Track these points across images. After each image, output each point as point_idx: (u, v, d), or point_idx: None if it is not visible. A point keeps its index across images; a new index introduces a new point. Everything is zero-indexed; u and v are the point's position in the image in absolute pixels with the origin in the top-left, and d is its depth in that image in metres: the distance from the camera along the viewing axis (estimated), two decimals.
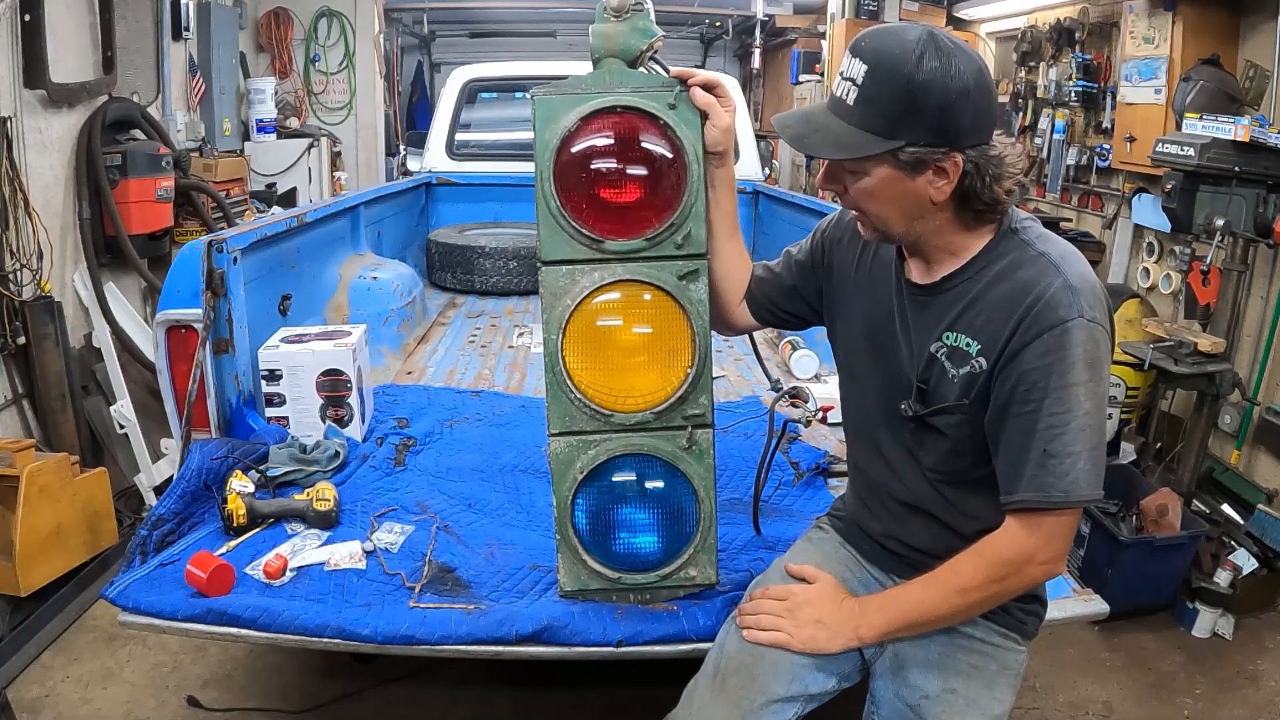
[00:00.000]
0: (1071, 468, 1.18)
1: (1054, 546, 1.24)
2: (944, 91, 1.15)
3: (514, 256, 4.21)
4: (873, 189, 1.23)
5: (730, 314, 1.64)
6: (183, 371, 2.10)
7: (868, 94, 1.18)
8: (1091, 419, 1.18)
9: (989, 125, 1.21)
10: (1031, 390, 1.19)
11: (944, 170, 1.19)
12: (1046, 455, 1.18)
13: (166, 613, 1.62)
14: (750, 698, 1.39)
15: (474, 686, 2.54)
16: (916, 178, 1.20)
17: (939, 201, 1.22)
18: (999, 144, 1.22)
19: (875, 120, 1.18)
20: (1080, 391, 1.17)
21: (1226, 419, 3.39)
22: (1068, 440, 1.17)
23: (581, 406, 1.54)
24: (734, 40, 10.39)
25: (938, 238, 1.28)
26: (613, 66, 1.51)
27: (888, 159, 1.19)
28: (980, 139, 1.19)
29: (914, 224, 1.26)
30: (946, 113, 1.16)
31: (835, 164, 1.26)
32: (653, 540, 1.61)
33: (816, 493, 2.16)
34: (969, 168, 1.19)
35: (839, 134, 1.21)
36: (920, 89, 1.15)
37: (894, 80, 1.16)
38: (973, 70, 1.16)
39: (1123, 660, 2.82)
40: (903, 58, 1.15)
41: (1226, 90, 3.38)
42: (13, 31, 3.24)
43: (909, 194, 1.22)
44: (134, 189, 3.73)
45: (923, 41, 1.15)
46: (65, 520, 2.73)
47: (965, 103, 1.16)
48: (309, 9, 6.60)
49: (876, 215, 1.27)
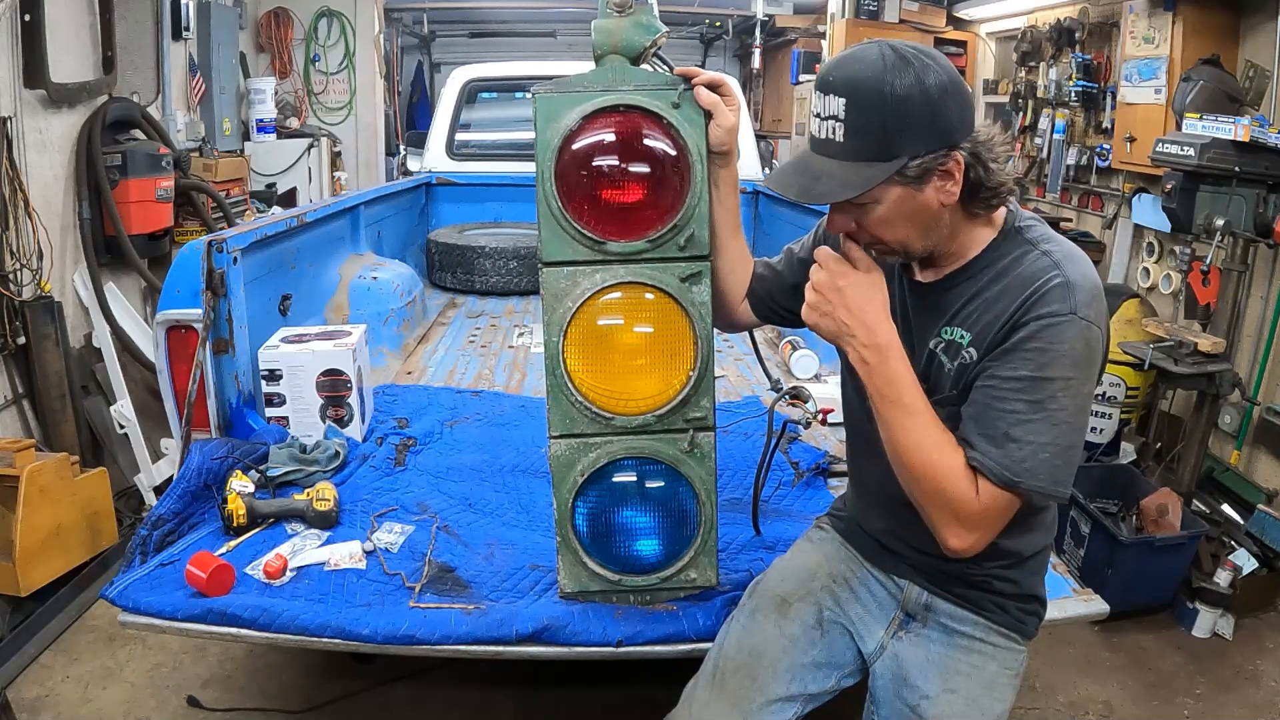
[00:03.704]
0: (1031, 456, 1.16)
1: (987, 529, 1.21)
2: (924, 98, 1.14)
3: (514, 256, 4.21)
4: (887, 216, 1.22)
5: (732, 312, 1.64)
6: (183, 371, 2.10)
7: (855, 125, 1.17)
8: (1069, 416, 1.17)
9: (971, 116, 1.21)
10: (1002, 367, 1.19)
11: (948, 172, 1.19)
12: (1008, 438, 1.17)
13: (166, 613, 1.62)
14: (750, 697, 1.39)
15: (474, 686, 2.54)
16: (925, 188, 1.20)
17: (949, 205, 1.22)
18: (983, 130, 1.22)
19: (871, 147, 1.17)
20: (1059, 386, 1.16)
21: (1226, 419, 3.39)
22: (1034, 429, 1.16)
23: (582, 409, 1.53)
24: (734, 40, 10.40)
25: (951, 241, 1.28)
26: (615, 63, 1.50)
27: (895, 179, 1.18)
28: (968, 130, 1.20)
29: (931, 235, 1.25)
30: (934, 116, 1.16)
31: (844, 203, 1.24)
32: (653, 543, 1.61)
33: (816, 493, 2.16)
34: (969, 160, 1.20)
35: (842, 174, 1.19)
36: (902, 103, 1.14)
37: (875, 103, 1.15)
38: (942, 69, 1.16)
39: (1123, 660, 2.82)
40: (875, 78, 1.14)
41: (1226, 90, 3.38)
42: (13, 31, 3.24)
43: (921, 208, 1.21)
44: (134, 189, 3.73)
45: (886, 57, 1.15)
46: (65, 520, 2.73)
47: (946, 101, 1.16)
48: (309, 9, 6.60)
49: (896, 240, 1.25)
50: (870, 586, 1.49)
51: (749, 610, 1.50)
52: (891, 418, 1.24)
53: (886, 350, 1.23)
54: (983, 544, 1.23)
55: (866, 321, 1.23)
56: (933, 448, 1.21)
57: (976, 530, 1.21)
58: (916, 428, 1.22)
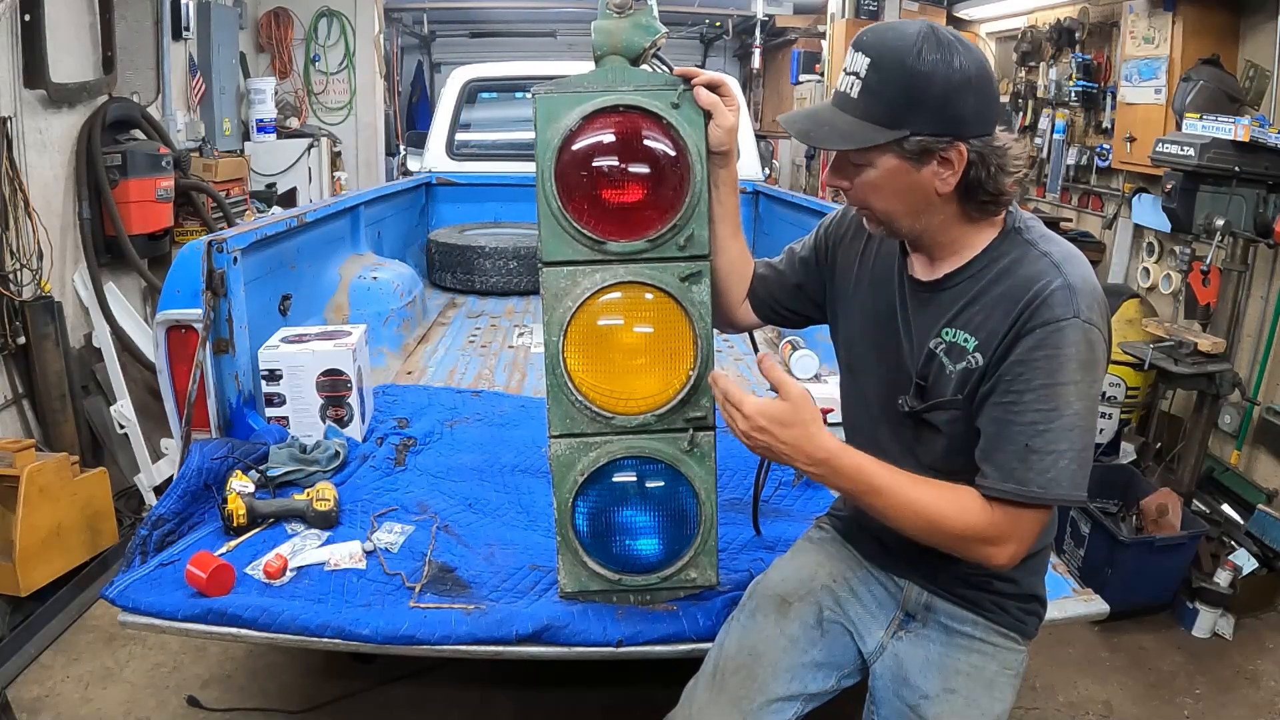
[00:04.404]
0: (1053, 465, 1.17)
1: (1020, 540, 1.23)
2: (945, 81, 1.16)
3: (514, 256, 4.21)
4: (878, 181, 1.24)
5: (733, 313, 1.64)
6: (183, 371, 2.10)
7: (871, 86, 1.19)
8: (1080, 419, 1.18)
9: (991, 117, 1.22)
10: (1015, 382, 1.19)
11: (949, 160, 1.20)
12: (1029, 450, 1.18)
13: (166, 613, 1.62)
14: (750, 697, 1.39)
15: (474, 686, 2.54)
16: (922, 169, 1.21)
17: (944, 193, 1.23)
18: (1002, 137, 1.23)
19: (879, 111, 1.19)
20: (1070, 391, 1.17)
21: (1226, 419, 3.39)
22: (1052, 438, 1.17)
23: (582, 408, 1.53)
24: (734, 40, 10.40)
25: (943, 233, 1.28)
26: (615, 64, 1.50)
27: (893, 149, 1.20)
28: (983, 130, 1.21)
29: (920, 218, 1.26)
30: (948, 102, 1.17)
31: (842, 158, 1.27)
32: (653, 543, 1.61)
33: (816, 493, 2.16)
34: (973, 157, 1.20)
35: (844, 126, 1.22)
36: (922, 79, 1.16)
37: (896, 71, 1.17)
38: (974, 62, 1.18)
39: (1123, 660, 2.82)
40: (904, 49, 1.17)
41: (1226, 90, 3.38)
42: (13, 31, 3.24)
43: (914, 186, 1.22)
44: (134, 189, 3.73)
45: (923, 34, 1.18)
46: (65, 520, 2.73)
47: (967, 92, 1.18)
48: (309, 9, 6.61)
49: (882, 210, 1.27)
50: (870, 586, 1.49)
51: (749, 610, 1.50)
52: (874, 504, 1.26)
53: (831, 460, 1.25)
54: (1024, 551, 1.24)
55: (802, 448, 1.25)
56: (926, 505, 1.23)
57: (1010, 542, 1.22)
58: (899, 500, 1.24)
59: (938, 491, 1.24)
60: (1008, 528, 1.21)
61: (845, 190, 1.30)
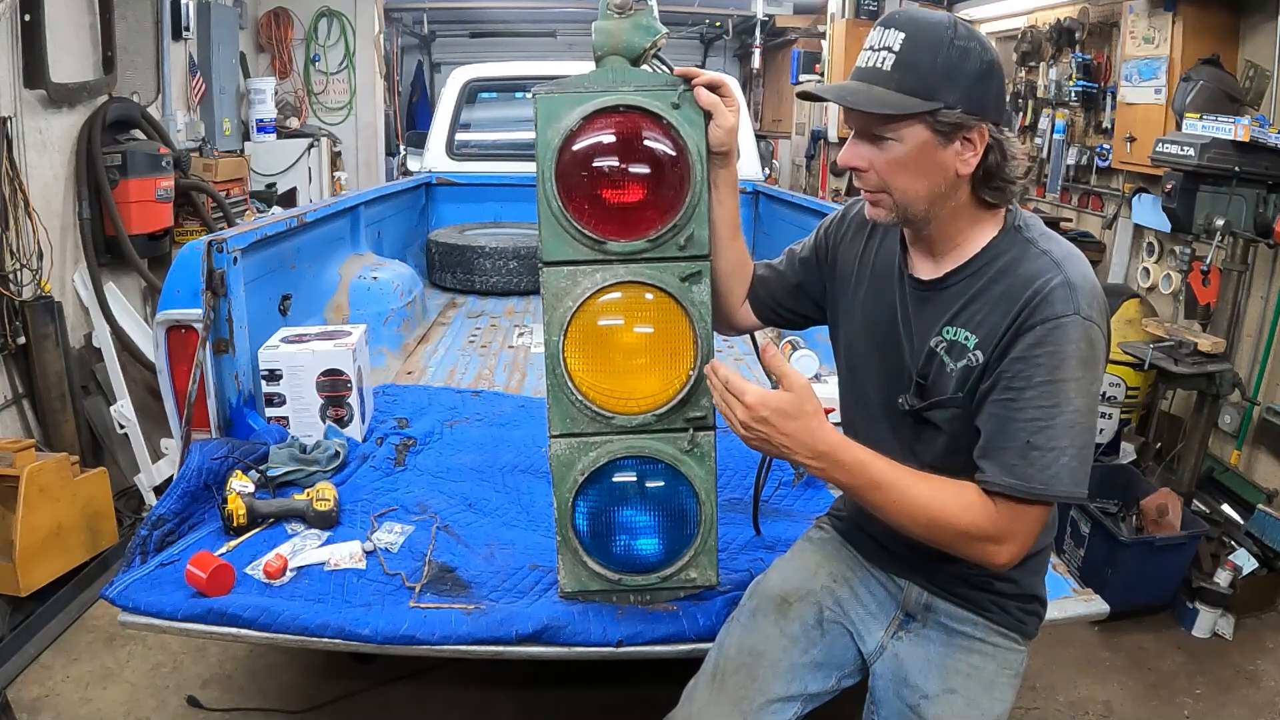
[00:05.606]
0: (1054, 462, 1.17)
1: (1020, 538, 1.23)
2: (980, 60, 1.21)
3: (514, 256, 4.21)
4: (904, 158, 1.23)
5: (733, 314, 1.64)
6: (183, 371, 2.10)
7: (906, 59, 1.21)
8: (1081, 417, 1.18)
9: (1004, 109, 1.26)
10: (1016, 379, 1.19)
11: (971, 141, 1.22)
12: (1030, 447, 1.18)
13: (166, 613, 1.62)
14: (750, 697, 1.39)
15: (474, 686, 2.54)
16: (948, 146, 1.22)
17: (964, 175, 1.24)
18: (1007, 130, 1.26)
19: (915, 83, 1.20)
20: (1071, 388, 1.17)
21: (1226, 419, 3.39)
22: (1053, 434, 1.17)
23: (583, 408, 1.53)
24: (734, 40, 10.40)
25: (950, 223, 1.29)
26: (616, 64, 1.50)
27: (925, 120, 1.21)
28: (1001, 117, 1.24)
29: (936, 202, 1.26)
30: (980, 81, 1.21)
31: (865, 135, 1.26)
32: (653, 542, 1.61)
33: (816, 493, 2.16)
34: (991, 142, 1.23)
35: (880, 95, 1.22)
36: (960, 54, 1.20)
37: (934, 45, 1.20)
38: (995, 54, 1.24)
39: (1123, 660, 2.82)
40: (940, 25, 1.21)
41: (1226, 90, 3.38)
42: (13, 31, 3.24)
43: (938, 165, 1.23)
44: (134, 189, 3.73)
45: (952, 18, 1.23)
46: (65, 520, 2.73)
47: (993, 78, 1.23)
48: (309, 9, 6.61)
49: (902, 190, 1.26)
50: (870, 586, 1.49)
51: (749, 610, 1.50)
52: (874, 499, 1.25)
53: (833, 453, 1.24)
54: (1025, 549, 1.24)
55: (803, 440, 1.23)
56: (928, 500, 1.22)
57: (1011, 540, 1.22)
58: (900, 495, 1.23)
59: (939, 487, 1.23)
60: (1009, 525, 1.21)
61: (862, 173, 1.29)
